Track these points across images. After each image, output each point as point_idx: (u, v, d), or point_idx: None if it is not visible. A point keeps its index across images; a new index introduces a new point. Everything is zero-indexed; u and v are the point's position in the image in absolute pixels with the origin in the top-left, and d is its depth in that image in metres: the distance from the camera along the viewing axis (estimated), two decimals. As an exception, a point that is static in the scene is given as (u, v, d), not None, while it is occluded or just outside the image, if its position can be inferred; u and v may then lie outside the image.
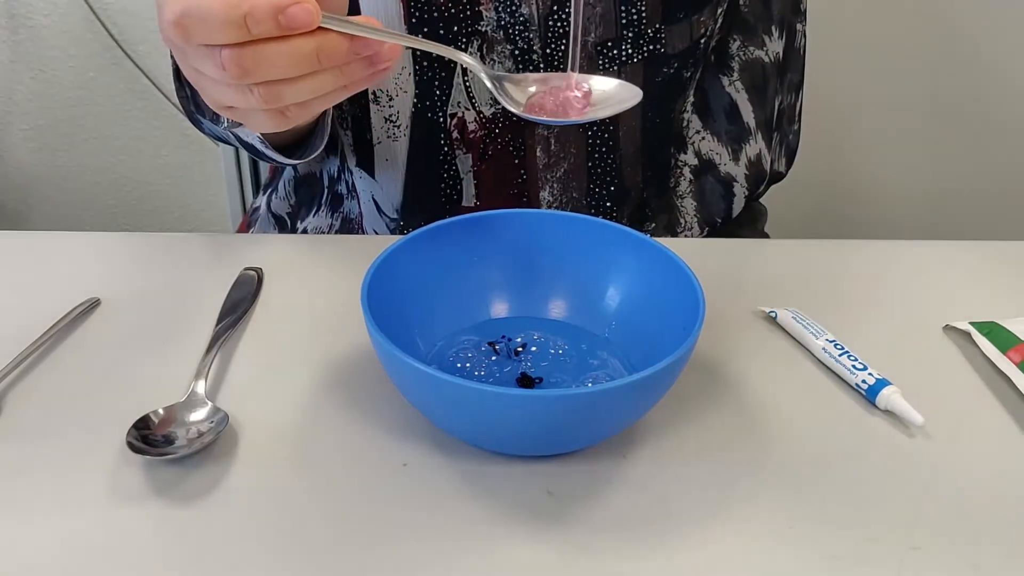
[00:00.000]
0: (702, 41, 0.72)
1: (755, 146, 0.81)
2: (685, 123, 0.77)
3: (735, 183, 0.80)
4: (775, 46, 0.80)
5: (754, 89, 0.80)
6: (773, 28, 0.79)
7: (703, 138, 0.78)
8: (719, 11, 0.72)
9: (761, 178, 0.83)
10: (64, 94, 1.53)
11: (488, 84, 0.53)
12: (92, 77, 1.52)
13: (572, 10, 0.53)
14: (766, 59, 0.79)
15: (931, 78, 1.46)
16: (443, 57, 0.69)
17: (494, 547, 0.46)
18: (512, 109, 0.53)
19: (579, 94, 0.54)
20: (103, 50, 1.49)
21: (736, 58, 0.78)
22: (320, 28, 0.47)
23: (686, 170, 0.78)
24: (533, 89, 0.54)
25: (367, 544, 0.46)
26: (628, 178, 0.75)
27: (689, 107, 0.77)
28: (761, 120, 0.81)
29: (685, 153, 0.78)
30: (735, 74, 0.78)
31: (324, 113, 0.67)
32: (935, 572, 0.45)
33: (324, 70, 0.48)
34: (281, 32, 0.45)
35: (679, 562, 0.45)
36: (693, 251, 0.60)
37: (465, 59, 0.52)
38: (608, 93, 0.54)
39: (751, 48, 0.78)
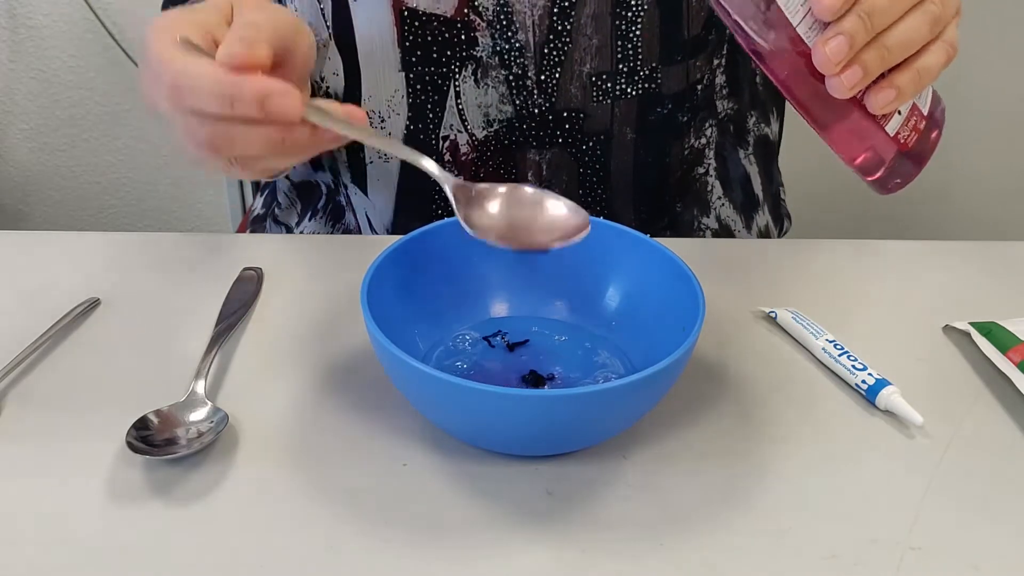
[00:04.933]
0: (699, 88, 0.73)
1: (763, 217, 0.84)
2: (709, 187, 0.79)
3: None
4: (775, 126, 0.84)
5: (763, 163, 0.83)
6: (775, 109, 0.84)
7: (723, 204, 0.80)
8: (715, 61, 0.74)
9: None
10: (64, 94, 1.53)
11: (452, 203, 0.52)
12: (92, 77, 1.52)
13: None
14: (771, 136, 0.83)
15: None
16: (436, 80, 0.69)
17: (494, 547, 0.46)
18: (467, 230, 0.52)
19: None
20: (103, 50, 1.49)
21: (752, 133, 0.81)
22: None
23: (708, 233, 0.80)
24: (496, 206, 0.53)
25: (367, 544, 0.46)
26: (619, 212, 0.76)
27: (712, 172, 0.79)
28: (768, 193, 0.84)
29: (708, 217, 0.80)
30: (750, 148, 0.81)
31: None
32: (935, 572, 0.45)
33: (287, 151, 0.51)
34: (263, 117, 0.47)
35: (679, 562, 0.45)
36: (693, 251, 0.60)
37: (431, 168, 0.52)
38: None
39: (762, 124, 0.81)
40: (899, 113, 0.51)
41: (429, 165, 0.52)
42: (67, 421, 0.53)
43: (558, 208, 0.53)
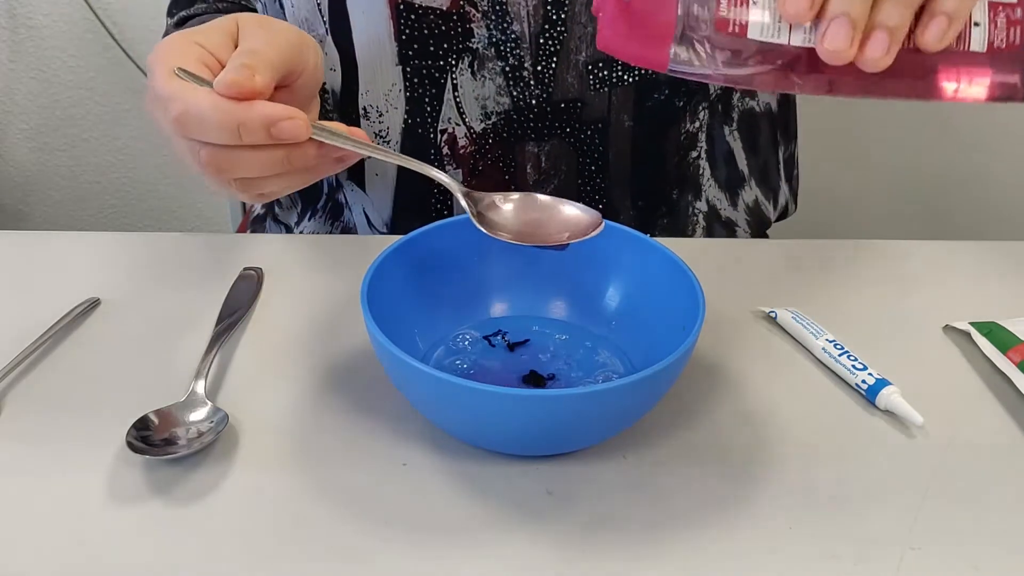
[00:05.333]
0: None
1: (751, 192, 0.83)
2: (701, 170, 0.79)
3: (736, 227, 0.82)
4: (766, 96, 0.82)
5: (749, 138, 0.82)
6: None
7: (711, 185, 0.80)
8: None
9: (763, 222, 0.85)
10: (64, 94, 1.53)
11: (464, 205, 0.53)
12: (92, 77, 1.52)
13: None
14: (758, 109, 0.82)
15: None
16: (434, 73, 0.69)
17: (494, 547, 0.46)
18: (482, 229, 0.53)
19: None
20: (103, 50, 1.49)
21: (736, 108, 0.80)
22: None
23: (700, 217, 0.80)
24: (509, 208, 0.54)
25: (367, 544, 0.46)
26: (617, 200, 0.76)
27: (703, 155, 0.78)
28: (755, 167, 0.83)
29: (700, 201, 0.80)
30: (734, 124, 0.80)
31: None
32: (935, 572, 0.45)
33: (293, 171, 0.52)
34: (271, 143, 0.49)
35: (679, 562, 0.45)
36: (693, 251, 0.60)
37: (441, 177, 0.53)
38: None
39: (747, 99, 0.81)
40: (976, 25, 0.40)
41: (439, 175, 0.53)
42: (67, 421, 0.53)
43: (571, 209, 0.54)
